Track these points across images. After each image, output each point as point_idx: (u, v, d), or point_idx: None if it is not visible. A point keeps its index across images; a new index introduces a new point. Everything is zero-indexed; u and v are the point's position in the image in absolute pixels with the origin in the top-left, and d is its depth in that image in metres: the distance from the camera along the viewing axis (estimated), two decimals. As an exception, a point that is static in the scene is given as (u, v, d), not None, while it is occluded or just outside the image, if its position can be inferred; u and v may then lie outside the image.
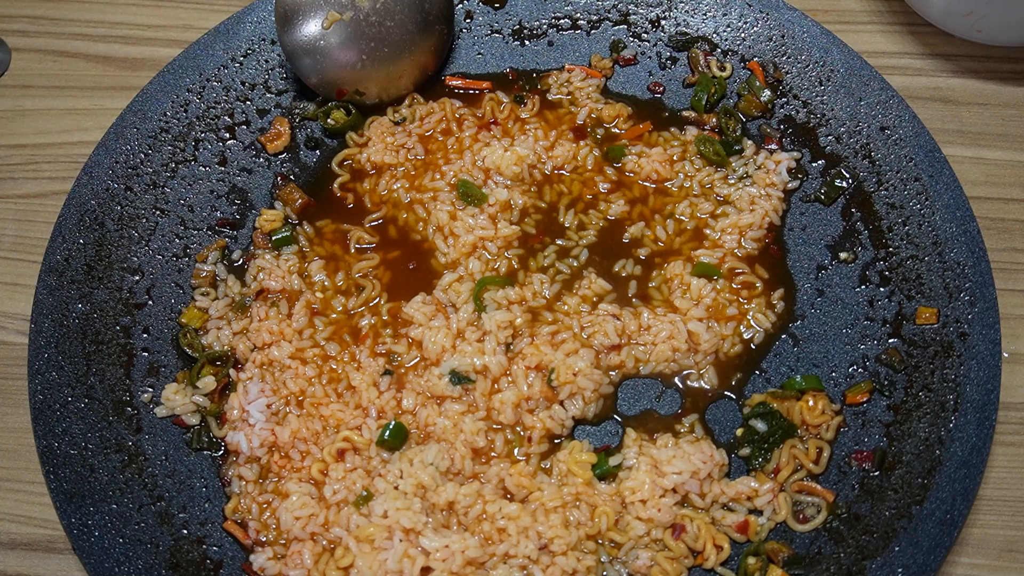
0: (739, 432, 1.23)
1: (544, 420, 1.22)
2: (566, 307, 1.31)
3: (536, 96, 1.48)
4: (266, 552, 1.16)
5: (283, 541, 1.17)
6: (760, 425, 1.22)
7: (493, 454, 1.22)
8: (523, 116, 1.46)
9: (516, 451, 1.22)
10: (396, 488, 1.18)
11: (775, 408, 1.22)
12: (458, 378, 1.25)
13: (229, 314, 1.32)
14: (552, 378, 1.24)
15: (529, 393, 1.23)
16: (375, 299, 1.33)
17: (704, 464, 1.18)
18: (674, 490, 1.17)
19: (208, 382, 1.26)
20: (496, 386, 1.25)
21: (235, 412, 1.24)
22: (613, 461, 1.20)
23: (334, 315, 1.32)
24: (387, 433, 1.21)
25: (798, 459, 1.20)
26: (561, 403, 1.24)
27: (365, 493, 1.18)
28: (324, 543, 1.17)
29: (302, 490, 1.19)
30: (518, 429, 1.23)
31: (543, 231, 1.38)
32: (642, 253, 1.36)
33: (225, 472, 1.22)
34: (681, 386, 1.27)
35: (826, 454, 1.21)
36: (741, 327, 1.30)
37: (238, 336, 1.30)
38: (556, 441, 1.23)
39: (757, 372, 1.27)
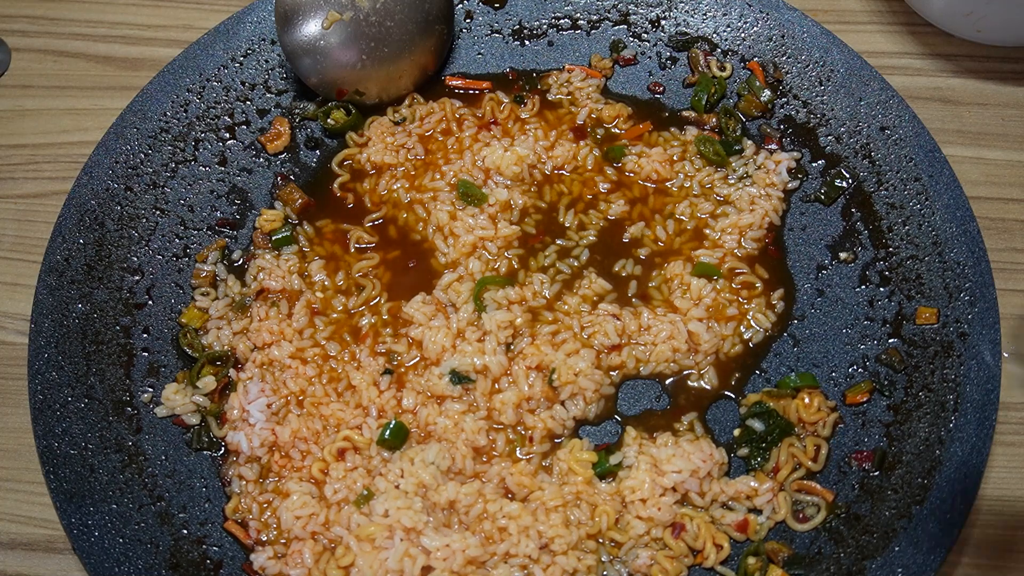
0: (737, 432, 1.23)
1: (545, 420, 1.22)
2: (566, 307, 1.31)
3: (536, 96, 1.48)
4: (266, 551, 1.16)
5: (284, 540, 1.17)
6: (757, 424, 1.22)
7: (495, 453, 1.22)
8: (523, 116, 1.46)
9: (518, 451, 1.22)
10: (397, 487, 1.18)
11: (772, 407, 1.22)
12: (458, 378, 1.25)
13: (229, 314, 1.32)
14: (553, 378, 1.24)
15: (530, 393, 1.23)
16: (375, 299, 1.33)
17: (704, 463, 1.18)
18: (674, 489, 1.17)
19: (208, 382, 1.26)
20: (496, 386, 1.25)
21: (235, 412, 1.24)
22: (613, 459, 1.20)
23: (334, 315, 1.32)
24: (387, 432, 1.21)
25: (796, 457, 1.20)
26: (562, 403, 1.24)
27: (366, 492, 1.18)
28: (325, 542, 1.17)
29: (303, 489, 1.19)
30: (520, 429, 1.23)
31: (543, 231, 1.38)
32: (642, 253, 1.36)
33: (225, 472, 1.22)
34: (681, 387, 1.27)
35: (824, 451, 1.20)
36: (741, 327, 1.30)
37: (238, 336, 1.30)
38: (557, 441, 1.23)
39: (757, 372, 1.27)
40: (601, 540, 1.16)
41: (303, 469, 1.21)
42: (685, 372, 1.27)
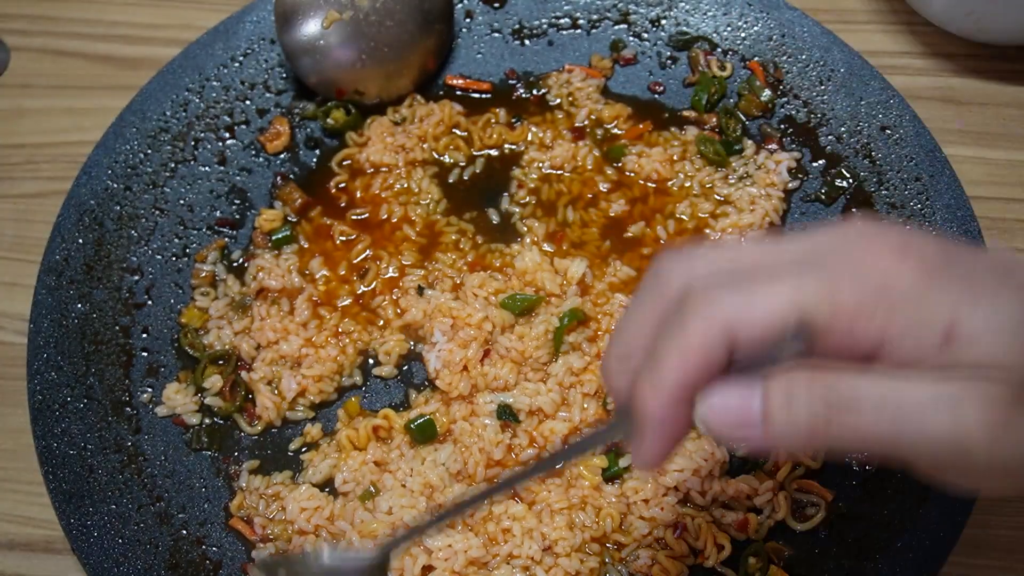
0: (735, 433, 1.22)
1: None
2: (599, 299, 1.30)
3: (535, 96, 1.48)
4: (269, 548, 1.16)
5: (288, 536, 1.17)
6: (755, 424, 1.21)
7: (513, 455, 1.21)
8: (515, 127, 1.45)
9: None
10: (403, 486, 1.17)
11: (769, 406, 1.22)
12: (507, 414, 1.20)
13: (230, 314, 1.32)
14: (608, 401, 1.21)
15: (583, 417, 1.20)
16: (382, 275, 1.33)
17: (705, 461, 1.17)
18: (676, 488, 1.17)
19: (214, 381, 1.25)
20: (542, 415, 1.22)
21: (269, 412, 1.24)
22: (623, 462, 1.19)
23: (340, 303, 1.32)
24: (416, 424, 1.20)
25: (795, 456, 1.20)
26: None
27: (372, 489, 1.17)
28: (327, 536, 1.17)
29: (314, 480, 1.20)
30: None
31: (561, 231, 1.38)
32: (643, 252, 1.35)
33: (235, 471, 1.22)
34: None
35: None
36: None
37: (240, 335, 1.30)
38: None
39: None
40: (608, 544, 1.16)
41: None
42: None
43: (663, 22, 1.51)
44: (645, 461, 0.74)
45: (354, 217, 1.39)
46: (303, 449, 1.24)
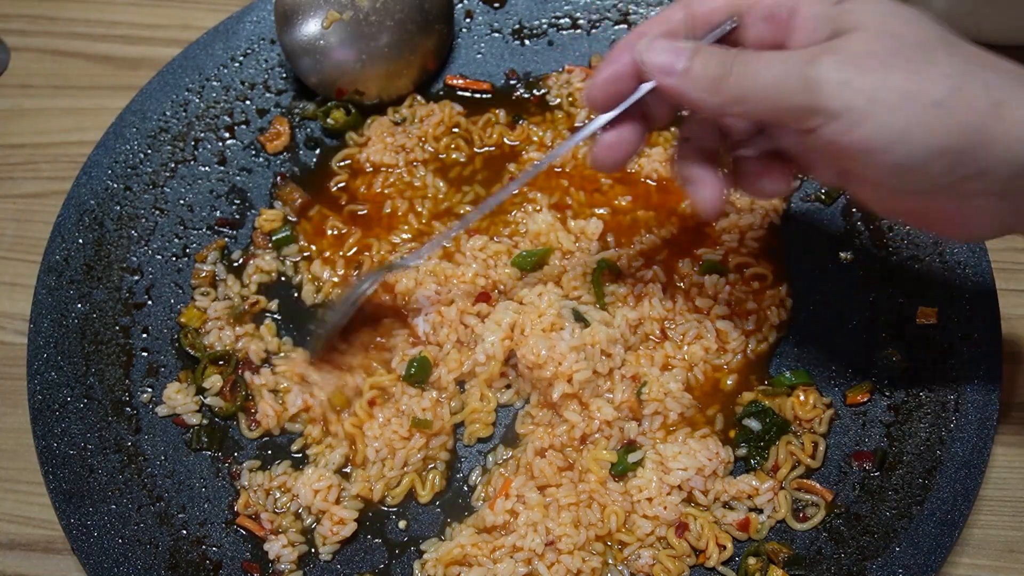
0: (732, 433, 1.22)
1: (613, 433, 1.21)
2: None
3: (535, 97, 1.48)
4: (280, 540, 1.16)
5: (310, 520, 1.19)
6: (754, 424, 1.21)
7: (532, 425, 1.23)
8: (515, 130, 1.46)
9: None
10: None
11: (767, 406, 1.22)
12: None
13: (230, 315, 1.32)
14: (643, 391, 1.22)
15: (621, 400, 1.21)
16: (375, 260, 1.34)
17: (710, 461, 1.17)
18: (680, 487, 1.17)
19: (215, 381, 1.25)
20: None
21: (269, 419, 1.24)
22: (632, 458, 1.18)
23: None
24: (413, 368, 1.23)
25: (795, 455, 1.20)
26: (638, 421, 1.22)
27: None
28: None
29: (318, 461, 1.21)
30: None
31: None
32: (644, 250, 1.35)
33: (235, 470, 1.22)
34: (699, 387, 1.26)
35: (822, 448, 1.20)
36: (766, 323, 1.29)
37: (244, 337, 1.30)
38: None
39: (758, 374, 1.27)
40: (609, 543, 1.16)
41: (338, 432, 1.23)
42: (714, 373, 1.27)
43: (663, 22, 1.51)
44: (588, 92, 1.02)
45: (360, 212, 1.39)
46: (303, 450, 1.24)
